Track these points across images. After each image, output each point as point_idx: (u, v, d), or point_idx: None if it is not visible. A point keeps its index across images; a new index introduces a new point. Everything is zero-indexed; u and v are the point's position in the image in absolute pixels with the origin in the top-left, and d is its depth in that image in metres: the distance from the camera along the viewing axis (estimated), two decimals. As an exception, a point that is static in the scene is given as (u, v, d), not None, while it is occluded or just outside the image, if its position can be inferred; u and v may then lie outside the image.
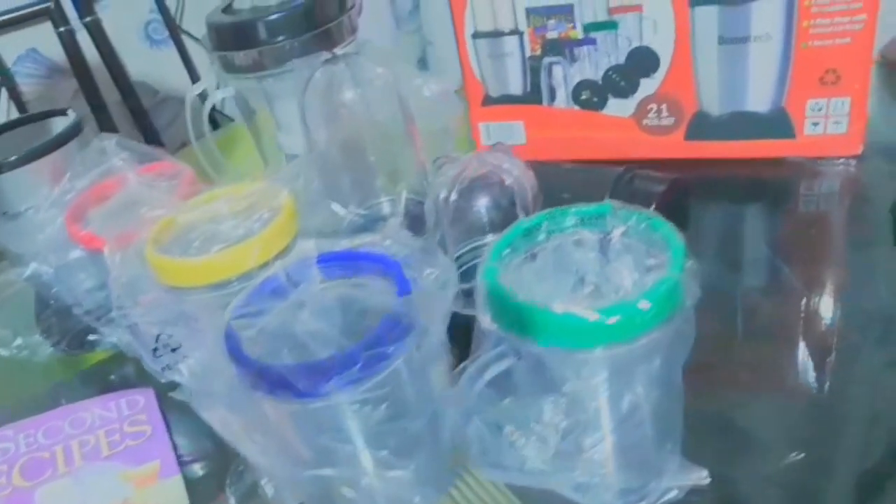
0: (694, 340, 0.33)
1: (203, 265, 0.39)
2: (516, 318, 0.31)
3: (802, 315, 0.47)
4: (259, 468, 0.36)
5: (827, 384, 0.42)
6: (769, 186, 0.62)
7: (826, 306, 0.48)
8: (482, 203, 0.46)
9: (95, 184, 0.49)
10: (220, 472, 0.43)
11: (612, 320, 0.30)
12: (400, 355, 0.30)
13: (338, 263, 0.36)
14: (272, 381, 0.30)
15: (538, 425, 0.33)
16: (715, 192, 0.63)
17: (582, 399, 0.33)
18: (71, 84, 1.15)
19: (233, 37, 0.55)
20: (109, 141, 0.50)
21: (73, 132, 0.55)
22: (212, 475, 0.44)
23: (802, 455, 0.37)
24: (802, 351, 0.44)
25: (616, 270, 0.35)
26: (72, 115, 0.57)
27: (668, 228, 0.33)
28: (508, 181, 0.45)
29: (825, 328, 0.46)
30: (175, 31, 1.19)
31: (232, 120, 1.07)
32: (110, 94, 1.18)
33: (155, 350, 0.45)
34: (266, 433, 0.33)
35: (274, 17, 0.54)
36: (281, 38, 0.54)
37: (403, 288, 0.34)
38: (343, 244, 0.37)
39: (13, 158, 0.53)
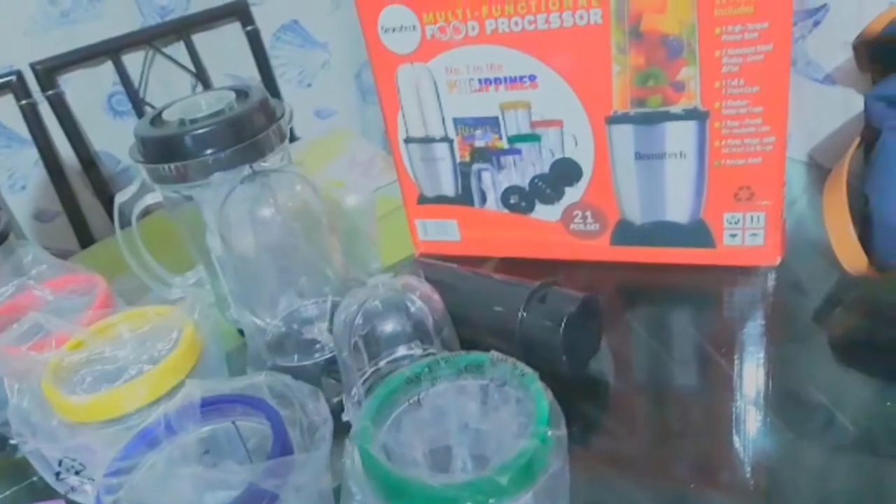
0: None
1: (92, 404, 0.39)
2: (383, 485, 0.32)
3: (734, 414, 0.48)
4: None
5: (766, 481, 0.43)
6: (694, 291, 0.63)
7: (758, 406, 0.49)
8: (386, 328, 0.47)
9: (9, 300, 0.49)
10: None
11: (470, 494, 0.30)
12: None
13: (220, 407, 0.36)
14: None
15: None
16: (642, 295, 0.64)
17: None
18: (32, 154, 1.16)
19: (159, 150, 0.56)
20: (27, 255, 0.51)
21: (-3, 241, 0.55)
22: None
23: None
24: (739, 448, 0.46)
25: (496, 419, 0.36)
26: (-1, 221, 0.58)
27: (537, 388, 0.34)
28: (412, 308, 0.46)
29: (760, 426, 0.48)
30: (138, 104, 1.21)
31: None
32: (71, 163, 1.19)
33: (58, 474, 0.45)
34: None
35: (200, 131, 0.55)
36: (206, 151, 0.55)
37: (279, 440, 0.34)
38: (229, 386, 0.37)
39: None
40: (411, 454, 0.35)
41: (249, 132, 0.57)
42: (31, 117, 1.13)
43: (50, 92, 1.13)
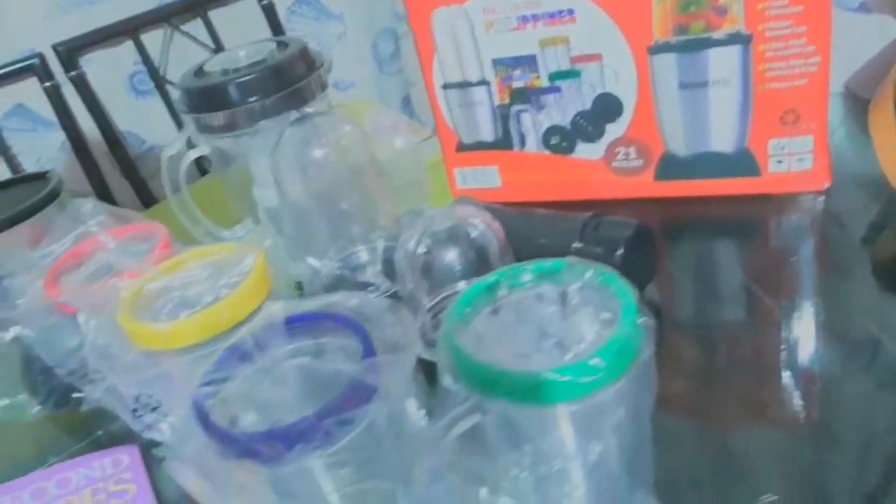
0: (672, 381, 0.33)
1: (174, 330, 0.39)
2: (477, 377, 0.32)
3: (784, 346, 0.48)
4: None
5: (816, 413, 0.43)
6: (740, 222, 0.63)
7: (808, 336, 0.49)
8: (449, 256, 0.47)
9: (72, 248, 0.50)
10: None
11: (567, 378, 0.30)
12: (362, 420, 0.31)
13: (304, 325, 0.37)
14: (238, 448, 0.31)
15: (508, 481, 0.34)
16: (688, 229, 0.64)
17: (549, 453, 0.34)
18: (58, 136, 1.17)
19: (204, 99, 0.56)
20: (85, 204, 0.51)
21: (51, 197, 0.56)
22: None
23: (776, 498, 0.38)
24: (788, 381, 0.45)
25: (576, 324, 0.36)
26: (51, 179, 0.59)
27: (620, 284, 0.34)
28: (474, 234, 0.46)
29: (809, 357, 0.47)
30: (160, 82, 1.21)
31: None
32: (97, 144, 1.20)
33: (135, 410, 0.46)
34: (238, 497, 0.33)
35: (243, 78, 0.55)
36: (251, 98, 0.55)
37: (368, 350, 0.34)
38: (309, 305, 0.38)
39: (-6, 224, 0.54)
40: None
41: (292, 79, 0.57)
42: (56, 99, 1.13)
43: (72, 73, 1.14)
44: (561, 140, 0.65)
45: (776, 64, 0.56)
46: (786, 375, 0.46)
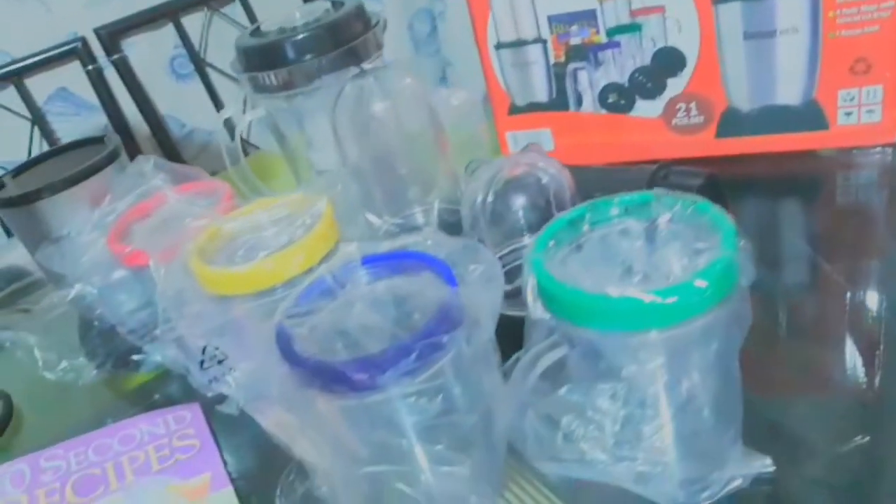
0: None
1: (248, 273, 0.39)
2: (569, 305, 0.31)
3: (848, 309, 0.46)
4: (314, 469, 0.35)
5: (879, 376, 0.41)
6: (805, 180, 0.61)
7: (872, 299, 0.47)
8: (519, 203, 0.46)
9: (136, 204, 0.50)
10: (270, 483, 0.42)
11: (669, 301, 0.29)
12: (454, 346, 0.30)
13: (382, 264, 0.36)
14: (326, 376, 0.30)
15: (595, 415, 0.33)
16: (750, 189, 0.62)
17: (639, 385, 0.33)
18: (101, 120, 1.18)
19: (262, 58, 0.56)
20: (147, 163, 0.51)
21: (111, 157, 0.56)
22: (262, 486, 0.44)
23: (868, 438, 0.36)
24: (850, 346, 0.44)
25: (664, 257, 0.35)
26: (109, 142, 0.59)
27: (715, 211, 0.33)
28: (545, 180, 0.45)
29: (872, 322, 0.45)
30: (200, 65, 1.22)
31: (257, 148, 1.09)
32: (139, 128, 1.21)
33: (202, 362, 0.46)
34: (321, 431, 0.33)
35: (300, 36, 0.55)
36: (308, 55, 0.55)
37: (451, 283, 0.34)
38: (386, 245, 0.37)
39: (54, 183, 0.54)
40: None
41: (349, 36, 0.57)
42: (98, 82, 1.14)
43: (114, 56, 1.14)
44: (619, 98, 0.64)
45: (847, 10, 0.54)
46: (850, 338, 0.44)
